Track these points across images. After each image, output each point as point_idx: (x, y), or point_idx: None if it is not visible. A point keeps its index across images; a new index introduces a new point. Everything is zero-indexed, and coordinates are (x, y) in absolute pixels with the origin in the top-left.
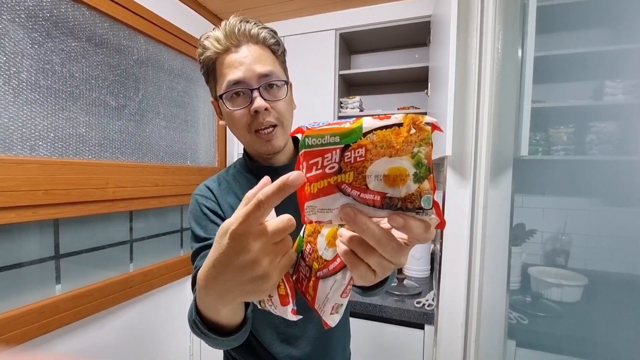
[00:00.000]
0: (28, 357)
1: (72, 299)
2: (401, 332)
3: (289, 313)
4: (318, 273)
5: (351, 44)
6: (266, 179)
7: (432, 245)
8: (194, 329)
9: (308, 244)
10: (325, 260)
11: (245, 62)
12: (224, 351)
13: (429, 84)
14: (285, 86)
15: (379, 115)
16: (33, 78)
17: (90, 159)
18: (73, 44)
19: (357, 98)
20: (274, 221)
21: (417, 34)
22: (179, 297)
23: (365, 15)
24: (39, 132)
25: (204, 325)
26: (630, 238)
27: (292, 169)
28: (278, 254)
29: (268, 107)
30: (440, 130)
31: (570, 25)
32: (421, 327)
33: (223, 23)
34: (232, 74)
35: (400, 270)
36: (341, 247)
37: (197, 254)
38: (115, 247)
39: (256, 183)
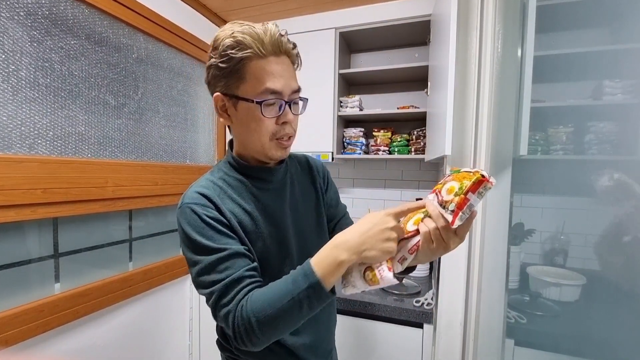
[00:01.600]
0: (27, 357)
1: (71, 298)
2: (400, 331)
3: (392, 276)
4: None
5: (351, 43)
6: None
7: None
8: (303, 300)
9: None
10: (408, 231)
11: (285, 75)
12: (224, 348)
13: (429, 83)
14: (303, 103)
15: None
16: (32, 76)
17: (90, 157)
18: (72, 42)
19: (357, 97)
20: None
21: (417, 33)
22: (178, 296)
23: (365, 14)
24: (38, 131)
25: (325, 286)
26: (629, 237)
27: (281, 172)
28: (395, 240)
29: (293, 120)
30: (489, 183)
31: (570, 24)
32: (420, 326)
33: (262, 28)
34: (274, 83)
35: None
36: (423, 227)
37: (214, 267)
38: (114, 246)
39: (249, 183)
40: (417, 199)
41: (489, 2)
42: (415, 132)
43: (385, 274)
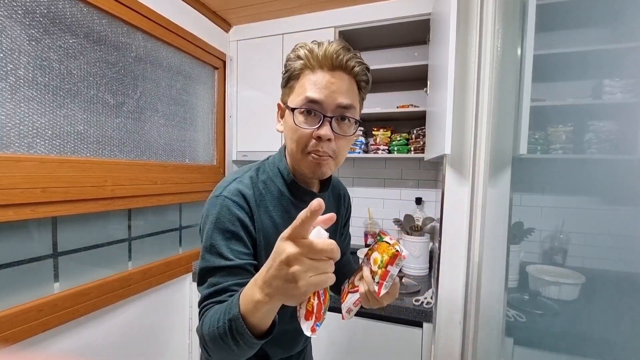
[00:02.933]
0: (24, 357)
1: (70, 297)
2: (400, 330)
3: (307, 328)
4: (349, 291)
5: (351, 42)
6: (317, 203)
7: (431, 244)
8: (226, 332)
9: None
10: (355, 285)
11: (331, 88)
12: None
13: (429, 82)
14: (356, 125)
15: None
16: (30, 75)
17: (89, 156)
18: (71, 41)
19: None
20: (316, 240)
21: (417, 32)
22: (177, 295)
23: (364, 13)
24: (36, 130)
25: (245, 325)
26: (628, 236)
27: (331, 196)
28: (312, 268)
29: (332, 138)
30: (403, 257)
31: (570, 23)
32: (419, 325)
33: (326, 42)
34: (313, 92)
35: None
36: (361, 288)
37: (215, 272)
38: (113, 245)
39: (288, 197)
40: (416, 198)
41: (489, 0)
42: (414, 131)
43: (301, 323)
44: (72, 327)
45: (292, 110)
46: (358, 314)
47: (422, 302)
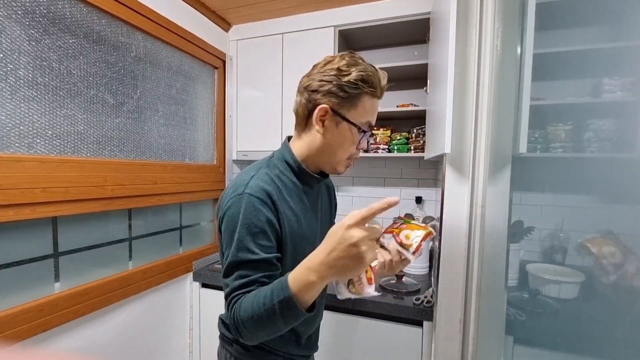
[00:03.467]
0: (27, 354)
1: (71, 297)
2: (400, 329)
3: (374, 290)
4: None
5: (350, 41)
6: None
7: (431, 243)
8: (275, 311)
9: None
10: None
11: (376, 114)
12: (225, 348)
13: (428, 81)
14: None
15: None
16: (30, 75)
17: (89, 156)
18: (71, 41)
19: None
20: (375, 226)
21: (417, 31)
22: (178, 294)
23: (364, 12)
24: (36, 130)
25: (297, 304)
26: (628, 235)
27: (319, 186)
28: (372, 247)
29: None
30: (433, 235)
31: (569, 22)
32: (420, 324)
33: (382, 74)
34: (373, 120)
35: None
36: (379, 257)
37: (242, 265)
38: (114, 245)
39: (300, 186)
40: (416, 197)
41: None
42: (414, 131)
43: (366, 289)
44: (73, 327)
45: (363, 132)
46: (359, 313)
47: (422, 301)
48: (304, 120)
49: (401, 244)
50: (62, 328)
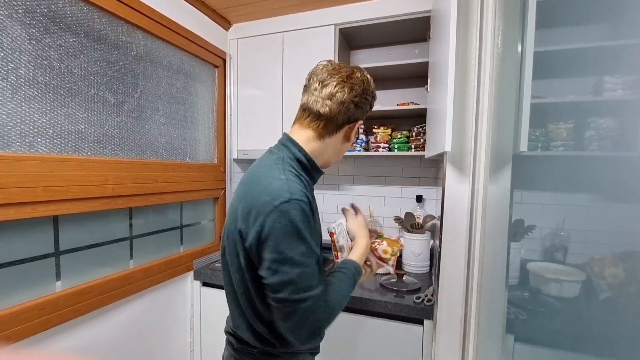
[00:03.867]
0: (27, 355)
1: (72, 296)
2: (400, 327)
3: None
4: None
5: (351, 40)
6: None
7: (432, 241)
8: (354, 284)
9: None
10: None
11: None
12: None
13: (429, 79)
14: None
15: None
16: (31, 74)
17: (90, 155)
18: (71, 40)
19: None
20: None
21: (417, 29)
22: (178, 293)
23: (365, 10)
24: (37, 129)
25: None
26: (628, 234)
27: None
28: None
29: None
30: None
31: (570, 20)
32: (420, 322)
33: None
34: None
35: (400, 266)
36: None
37: (314, 273)
38: (115, 243)
39: (311, 184)
40: (417, 196)
41: None
42: (415, 129)
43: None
44: (74, 326)
45: (358, 129)
46: (357, 311)
47: (423, 300)
48: (335, 128)
49: (380, 258)
50: (63, 327)
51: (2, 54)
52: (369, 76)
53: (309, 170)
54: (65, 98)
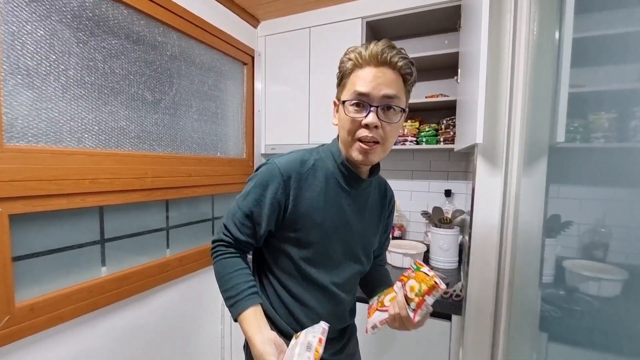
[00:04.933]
0: None
1: (116, 281)
2: (428, 322)
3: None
4: (377, 309)
5: (378, 32)
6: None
7: (461, 237)
8: (226, 295)
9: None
10: (384, 305)
11: (377, 81)
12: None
13: (459, 70)
14: (402, 114)
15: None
16: (79, 75)
17: (130, 150)
18: (113, 42)
19: None
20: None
21: (447, 19)
22: (210, 281)
23: (392, 2)
24: (85, 126)
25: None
26: None
27: (368, 186)
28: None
29: (378, 125)
30: (440, 289)
31: (612, 3)
32: (448, 318)
33: (373, 43)
34: (361, 87)
35: (427, 261)
36: (391, 309)
37: (237, 217)
38: (153, 233)
39: (340, 181)
40: (445, 190)
41: None
42: (444, 122)
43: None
44: (118, 308)
45: (343, 103)
46: None
47: (452, 295)
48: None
49: (406, 297)
50: (108, 309)
51: (54, 57)
52: (350, 50)
53: (339, 164)
54: (108, 97)
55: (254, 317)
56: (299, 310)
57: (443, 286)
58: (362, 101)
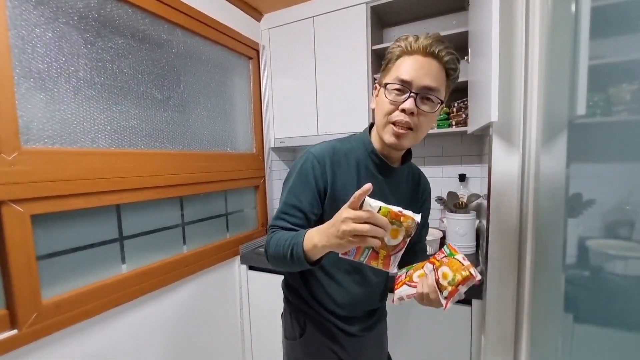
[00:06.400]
0: None
1: (136, 277)
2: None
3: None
4: (405, 282)
5: (383, 17)
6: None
7: (477, 221)
8: (289, 254)
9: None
10: (413, 280)
11: (421, 71)
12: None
13: (469, 49)
14: (439, 105)
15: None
16: (89, 76)
17: (143, 148)
18: (120, 42)
19: None
20: (360, 211)
21: None
22: (228, 276)
23: None
24: (97, 126)
25: (303, 254)
26: None
27: (400, 175)
28: (354, 230)
29: (414, 112)
30: (475, 280)
31: None
32: (469, 302)
33: (423, 35)
34: (405, 74)
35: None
36: (419, 288)
37: (286, 210)
38: (169, 230)
39: (372, 168)
40: (459, 175)
41: None
42: (455, 104)
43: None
44: (140, 304)
45: (385, 85)
46: None
47: None
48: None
49: (437, 283)
50: (131, 304)
51: (63, 59)
52: (402, 38)
53: (369, 152)
54: (118, 96)
55: (310, 233)
56: (334, 288)
57: (478, 277)
58: (404, 87)
